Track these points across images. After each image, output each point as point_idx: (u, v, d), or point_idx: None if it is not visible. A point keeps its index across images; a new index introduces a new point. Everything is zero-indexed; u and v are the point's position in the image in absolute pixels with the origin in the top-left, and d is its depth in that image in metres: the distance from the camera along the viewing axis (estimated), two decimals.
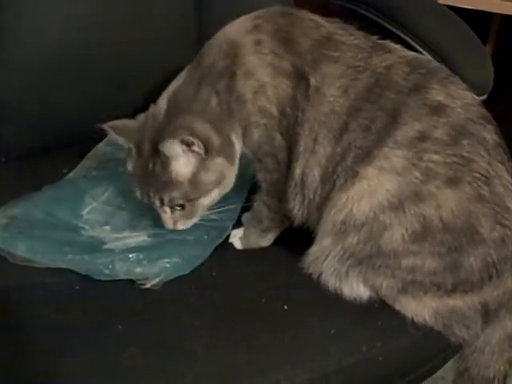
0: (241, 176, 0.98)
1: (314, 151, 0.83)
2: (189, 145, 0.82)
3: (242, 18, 0.88)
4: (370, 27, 0.90)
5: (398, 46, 0.86)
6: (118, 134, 0.87)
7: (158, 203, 0.86)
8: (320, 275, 0.84)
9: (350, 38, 0.85)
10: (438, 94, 0.79)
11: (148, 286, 0.80)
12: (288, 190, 0.88)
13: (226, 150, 0.86)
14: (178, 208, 0.86)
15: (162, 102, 0.87)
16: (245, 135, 0.88)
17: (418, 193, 0.76)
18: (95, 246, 0.85)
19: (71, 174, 1.01)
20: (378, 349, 0.78)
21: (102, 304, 0.79)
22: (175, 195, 0.84)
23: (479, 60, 0.99)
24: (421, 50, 0.97)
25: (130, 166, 0.88)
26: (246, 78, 0.84)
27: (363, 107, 0.80)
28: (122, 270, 0.81)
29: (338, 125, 0.81)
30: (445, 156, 0.76)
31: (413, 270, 0.78)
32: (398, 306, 0.81)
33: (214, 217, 0.94)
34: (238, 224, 0.95)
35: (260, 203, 0.93)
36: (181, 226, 0.88)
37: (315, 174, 0.83)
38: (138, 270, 0.81)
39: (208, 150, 0.83)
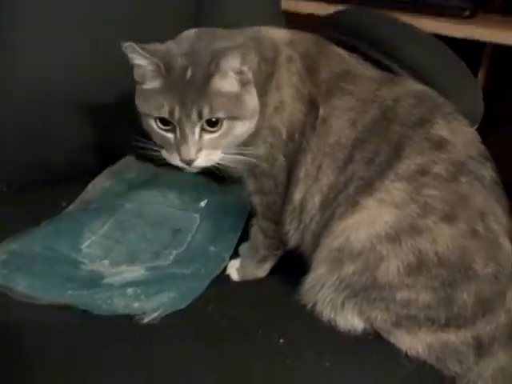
0: (238, 205, 1.00)
1: (317, 179, 0.85)
2: (241, 69, 0.80)
3: (280, 30, 0.91)
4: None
5: (409, 80, 0.88)
6: (145, 50, 0.81)
7: (194, 115, 0.79)
8: (315, 305, 0.85)
9: (366, 71, 0.88)
10: (441, 129, 0.81)
11: (146, 320, 0.81)
12: (284, 213, 0.90)
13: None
14: (211, 129, 0.81)
15: None
16: (250, 145, 0.87)
17: (414, 226, 0.78)
18: (94, 281, 0.86)
19: (70, 207, 1.03)
20: (372, 382, 0.79)
21: (101, 339, 0.80)
22: (216, 106, 0.79)
23: (469, 90, 1.01)
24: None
25: (154, 84, 0.82)
26: (275, 89, 0.86)
27: (369, 139, 0.82)
28: (120, 304, 0.82)
29: (343, 155, 0.83)
30: (443, 192, 0.78)
31: (407, 303, 0.80)
32: (392, 339, 0.82)
33: (211, 248, 0.96)
34: (235, 254, 0.97)
35: (256, 229, 0.95)
36: (201, 159, 0.82)
37: (315, 201, 0.85)
38: (136, 304, 0.82)
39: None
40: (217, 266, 0.93)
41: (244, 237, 0.98)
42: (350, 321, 0.83)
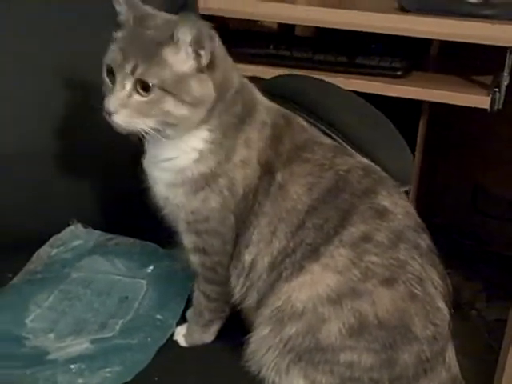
0: (185, 270, 1.01)
1: (271, 242, 0.86)
2: (200, 45, 0.78)
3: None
4: None
5: (356, 153, 0.93)
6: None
7: (128, 69, 0.78)
8: (261, 370, 0.85)
9: (323, 139, 0.91)
10: (384, 200, 0.85)
11: None
12: (232, 271, 0.90)
13: (220, 90, 0.83)
14: (142, 92, 0.79)
15: None
16: (200, 198, 0.86)
17: (355, 289, 0.80)
18: (38, 358, 0.85)
19: (16, 279, 1.02)
20: None
21: None
22: (153, 71, 0.78)
23: (399, 153, 1.06)
24: (342, 143, 1.02)
25: (120, 34, 0.82)
26: (245, 144, 0.87)
27: (320, 207, 0.85)
28: (64, 381, 0.81)
29: (296, 221, 0.85)
30: (383, 258, 0.82)
31: (350, 365, 0.81)
32: None
33: (158, 316, 0.96)
34: (183, 319, 0.97)
35: (198, 293, 0.94)
36: (122, 116, 0.79)
37: (265, 262, 0.87)
38: (80, 381, 0.82)
39: (211, 65, 0.81)
40: (163, 334, 0.93)
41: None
42: None
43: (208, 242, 0.90)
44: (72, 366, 0.83)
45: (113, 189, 1.16)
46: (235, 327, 0.93)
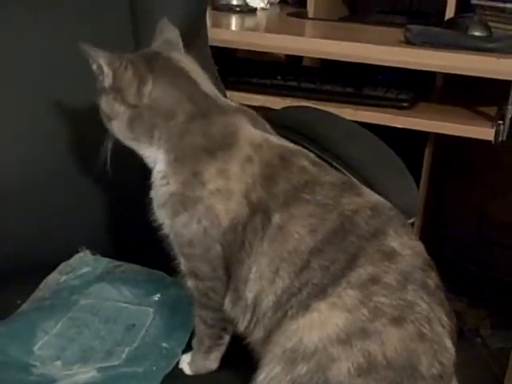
0: (191, 298, 1.02)
1: (274, 282, 0.86)
2: (101, 70, 0.89)
3: (259, 132, 0.91)
4: None
5: (365, 189, 0.91)
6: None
7: None
8: None
9: (328, 177, 0.89)
10: (393, 241, 0.84)
11: None
12: (234, 305, 0.90)
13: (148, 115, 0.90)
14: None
15: None
16: (181, 222, 0.89)
17: (364, 329, 0.80)
18: None
19: (24, 306, 1.04)
20: None
21: None
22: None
23: (404, 185, 1.06)
24: (348, 175, 1.03)
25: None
26: (220, 175, 0.87)
27: (326, 248, 0.84)
28: None
29: (300, 262, 0.84)
30: (392, 299, 0.81)
31: None
32: None
33: (164, 345, 0.97)
34: (189, 348, 0.97)
35: (197, 319, 0.95)
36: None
37: (269, 301, 0.86)
38: None
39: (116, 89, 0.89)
40: (169, 362, 0.94)
41: None
42: None
43: (197, 266, 0.91)
44: None
45: (122, 217, 1.18)
46: (241, 356, 0.93)
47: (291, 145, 0.93)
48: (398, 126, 1.39)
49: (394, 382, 0.81)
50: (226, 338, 0.96)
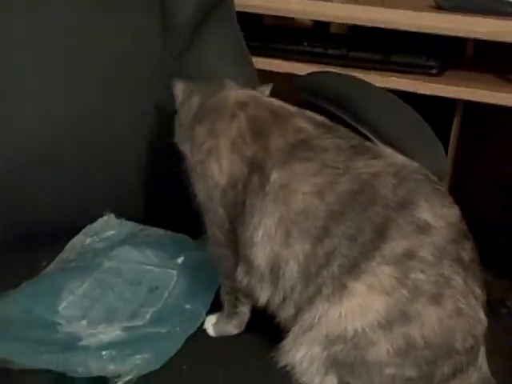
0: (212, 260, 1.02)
1: (289, 245, 0.83)
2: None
3: (247, 91, 0.95)
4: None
5: (386, 150, 0.87)
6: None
7: None
8: (294, 368, 0.85)
9: (333, 140, 0.85)
10: (424, 212, 0.81)
11: (121, 383, 0.83)
12: (248, 276, 0.89)
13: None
14: None
15: None
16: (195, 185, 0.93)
17: (405, 312, 0.79)
18: (70, 343, 0.87)
19: (49, 268, 1.05)
20: None
21: None
22: None
23: (432, 150, 1.04)
24: (376, 141, 0.99)
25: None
26: (211, 134, 0.90)
27: (347, 214, 0.81)
28: (95, 367, 0.83)
29: (315, 226, 0.82)
30: (429, 275, 0.80)
31: (393, 378, 0.82)
32: None
33: (187, 306, 0.97)
34: (215, 309, 0.97)
35: (221, 283, 0.96)
36: None
37: (292, 269, 0.84)
38: (111, 367, 0.84)
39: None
40: (192, 324, 0.94)
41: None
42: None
43: (213, 231, 0.92)
44: (103, 353, 0.85)
45: (147, 183, 1.18)
46: (269, 321, 0.91)
47: (292, 107, 0.91)
48: (427, 93, 1.36)
49: (429, 360, 0.81)
50: (243, 309, 0.95)
